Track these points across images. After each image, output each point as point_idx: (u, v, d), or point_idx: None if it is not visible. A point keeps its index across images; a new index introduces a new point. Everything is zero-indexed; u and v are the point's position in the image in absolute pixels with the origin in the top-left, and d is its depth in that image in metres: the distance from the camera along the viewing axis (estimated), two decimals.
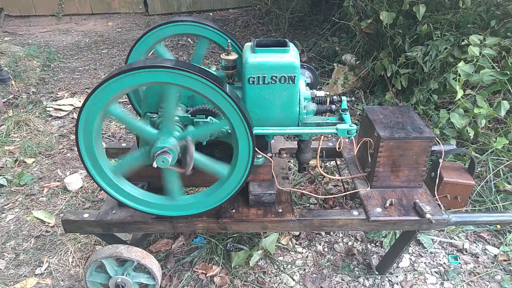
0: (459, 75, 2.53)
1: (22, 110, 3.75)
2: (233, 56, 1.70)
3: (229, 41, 1.75)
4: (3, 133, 3.36)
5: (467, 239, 2.32)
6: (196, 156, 1.54)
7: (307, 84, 1.91)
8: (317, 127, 1.72)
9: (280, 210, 1.78)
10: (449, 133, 2.74)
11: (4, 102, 3.88)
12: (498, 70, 2.51)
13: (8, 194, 2.71)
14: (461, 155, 2.68)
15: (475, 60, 2.51)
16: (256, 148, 1.55)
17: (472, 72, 2.52)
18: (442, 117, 2.68)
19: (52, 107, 3.85)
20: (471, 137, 2.67)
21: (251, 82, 1.59)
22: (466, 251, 2.24)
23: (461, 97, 2.52)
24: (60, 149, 3.24)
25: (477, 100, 2.53)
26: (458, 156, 2.69)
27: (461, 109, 2.61)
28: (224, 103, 1.42)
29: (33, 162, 3.06)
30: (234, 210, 1.78)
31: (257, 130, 1.63)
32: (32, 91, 4.21)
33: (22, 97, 4.06)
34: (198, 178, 1.78)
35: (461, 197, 2.06)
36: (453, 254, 2.23)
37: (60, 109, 3.82)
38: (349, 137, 1.71)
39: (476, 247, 2.27)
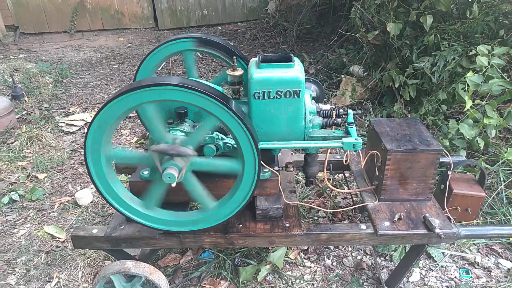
0: (468, 85, 2.51)
1: (34, 126, 3.82)
2: (239, 72, 1.72)
3: (234, 57, 1.77)
4: (16, 148, 3.43)
5: (479, 252, 2.27)
6: (206, 161, 1.59)
7: (313, 98, 1.91)
8: (323, 141, 1.73)
9: (287, 225, 1.77)
10: (459, 144, 2.71)
11: (18, 118, 3.97)
12: (508, 79, 2.49)
13: (20, 210, 2.76)
14: (471, 166, 2.64)
15: (483, 70, 2.50)
16: (262, 162, 1.55)
17: (481, 82, 2.50)
18: (451, 127, 2.66)
19: (64, 122, 3.93)
20: (481, 148, 2.63)
21: (256, 97, 1.61)
22: (478, 265, 2.20)
23: (470, 107, 2.50)
24: (71, 164, 3.28)
25: (486, 111, 2.50)
26: (468, 167, 2.65)
27: (471, 119, 2.59)
28: (230, 119, 1.44)
29: (45, 177, 3.11)
30: (241, 225, 1.78)
31: (263, 145, 1.63)
32: (45, 107, 4.30)
33: (35, 113, 4.14)
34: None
35: (471, 209, 2.03)
36: (464, 267, 2.19)
37: (72, 124, 3.89)
38: (355, 151, 1.70)
39: (488, 260, 2.22)
